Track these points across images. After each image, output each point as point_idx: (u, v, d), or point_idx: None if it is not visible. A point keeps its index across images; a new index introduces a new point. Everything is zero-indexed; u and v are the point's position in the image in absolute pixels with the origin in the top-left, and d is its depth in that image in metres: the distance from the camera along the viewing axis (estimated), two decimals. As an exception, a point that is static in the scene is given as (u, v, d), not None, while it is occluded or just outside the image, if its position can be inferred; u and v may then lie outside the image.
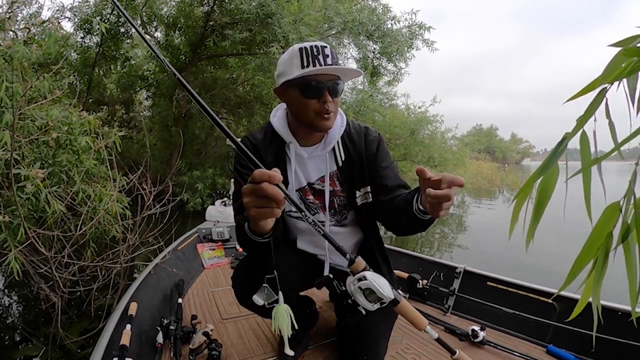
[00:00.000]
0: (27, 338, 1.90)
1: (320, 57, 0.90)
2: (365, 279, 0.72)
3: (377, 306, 0.73)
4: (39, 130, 1.76)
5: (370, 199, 1.04)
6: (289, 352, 0.68)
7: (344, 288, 0.81)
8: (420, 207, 0.80)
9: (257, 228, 0.70)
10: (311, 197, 1.07)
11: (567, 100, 0.42)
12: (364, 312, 0.76)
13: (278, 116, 1.06)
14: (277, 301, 0.70)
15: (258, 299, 0.78)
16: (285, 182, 1.02)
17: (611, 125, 0.37)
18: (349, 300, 0.78)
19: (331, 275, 0.76)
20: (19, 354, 1.80)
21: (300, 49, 0.91)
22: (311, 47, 0.90)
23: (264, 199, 0.61)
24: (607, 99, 0.36)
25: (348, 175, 1.04)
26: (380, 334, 1.11)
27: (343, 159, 1.03)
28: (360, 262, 0.76)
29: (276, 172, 0.60)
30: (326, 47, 0.91)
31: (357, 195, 1.05)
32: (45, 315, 2.01)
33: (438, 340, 0.82)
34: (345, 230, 1.12)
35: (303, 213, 0.67)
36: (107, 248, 2.01)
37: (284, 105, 1.04)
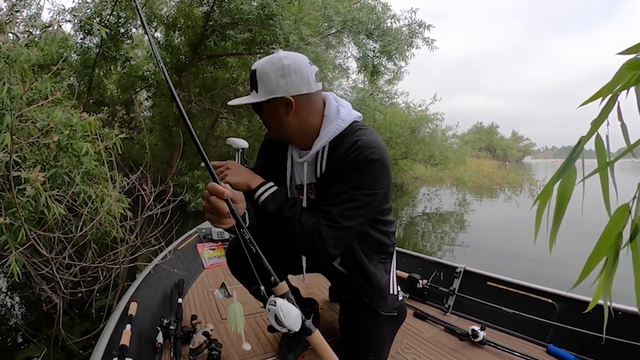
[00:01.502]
0: (29, 339, 1.90)
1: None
2: (274, 305, 0.75)
3: (285, 330, 0.75)
4: (40, 132, 1.76)
5: None
6: (246, 347, 0.82)
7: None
8: None
9: (218, 226, 0.79)
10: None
11: (581, 105, 0.44)
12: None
13: None
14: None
15: (219, 294, 0.87)
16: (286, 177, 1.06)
17: (623, 127, 0.38)
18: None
19: (262, 287, 0.77)
20: (21, 355, 1.80)
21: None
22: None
23: (213, 209, 0.74)
24: (619, 102, 0.39)
25: (323, 190, 0.98)
26: (385, 336, 1.11)
27: (323, 170, 0.97)
28: (283, 287, 0.78)
29: (225, 189, 0.74)
30: (253, 71, 0.92)
31: None
32: (46, 316, 2.01)
33: None
34: None
35: (242, 230, 0.75)
36: (108, 249, 2.01)
37: None
